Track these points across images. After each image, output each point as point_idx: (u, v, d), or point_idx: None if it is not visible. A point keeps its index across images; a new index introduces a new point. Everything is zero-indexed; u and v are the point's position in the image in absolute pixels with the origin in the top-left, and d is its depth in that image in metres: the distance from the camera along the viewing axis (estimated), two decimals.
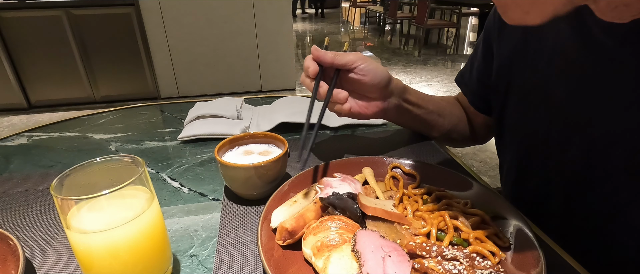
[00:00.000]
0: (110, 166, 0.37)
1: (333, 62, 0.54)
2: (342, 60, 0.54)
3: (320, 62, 0.54)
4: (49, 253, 0.45)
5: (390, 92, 0.59)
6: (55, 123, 0.86)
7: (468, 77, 0.70)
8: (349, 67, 0.55)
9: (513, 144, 0.61)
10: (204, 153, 0.70)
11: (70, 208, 0.33)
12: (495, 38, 0.60)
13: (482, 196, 0.48)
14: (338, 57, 0.54)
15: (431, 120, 0.68)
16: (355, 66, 0.54)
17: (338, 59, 0.54)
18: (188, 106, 0.90)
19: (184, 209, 0.53)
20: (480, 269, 0.35)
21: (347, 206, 0.42)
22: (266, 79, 3.55)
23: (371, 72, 0.55)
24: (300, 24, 8.61)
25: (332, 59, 0.54)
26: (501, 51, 0.59)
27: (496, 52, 0.60)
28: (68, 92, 3.23)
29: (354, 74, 0.55)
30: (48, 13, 2.93)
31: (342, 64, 0.54)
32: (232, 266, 0.42)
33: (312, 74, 0.54)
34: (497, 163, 0.75)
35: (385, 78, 0.57)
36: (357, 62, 0.54)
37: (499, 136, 0.66)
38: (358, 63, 0.54)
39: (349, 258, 0.36)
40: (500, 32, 0.59)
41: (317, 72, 0.54)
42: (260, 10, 3.24)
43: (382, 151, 0.69)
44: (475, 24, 7.37)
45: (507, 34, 0.57)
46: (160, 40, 3.19)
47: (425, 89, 3.83)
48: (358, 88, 0.57)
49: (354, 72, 0.55)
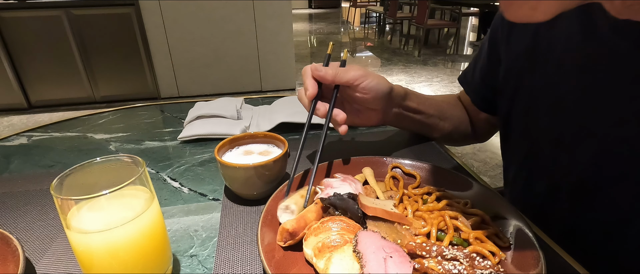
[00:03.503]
0: (110, 166, 0.37)
1: (334, 81, 0.53)
2: (344, 78, 0.53)
3: (321, 81, 0.54)
4: (49, 253, 0.44)
5: (391, 102, 0.59)
6: (55, 123, 0.86)
7: (471, 76, 0.70)
8: (351, 85, 0.54)
9: (520, 147, 0.60)
10: (204, 153, 0.70)
11: (70, 208, 0.33)
12: (502, 40, 0.60)
13: (482, 196, 0.48)
14: (339, 75, 0.53)
15: (432, 123, 0.68)
16: (357, 84, 0.54)
17: (339, 78, 0.53)
18: (188, 106, 0.90)
19: (184, 209, 0.53)
20: (480, 269, 0.35)
21: (348, 207, 0.42)
22: (266, 79, 3.55)
23: (373, 90, 0.54)
24: (300, 24, 8.61)
25: (333, 78, 0.53)
26: (509, 54, 0.59)
27: (504, 54, 0.60)
28: (68, 92, 3.23)
29: (356, 93, 0.55)
30: (48, 13, 2.93)
31: (344, 82, 0.54)
32: (232, 266, 0.42)
33: (310, 98, 0.53)
34: (497, 163, 0.75)
35: (387, 91, 0.56)
36: (359, 80, 0.53)
37: (505, 139, 0.66)
38: (360, 81, 0.53)
39: (350, 258, 0.36)
40: (509, 34, 0.58)
41: (315, 95, 0.53)
42: (260, 10, 3.24)
43: (382, 151, 0.69)
44: (475, 24, 7.37)
45: (516, 36, 0.57)
46: (160, 40, 3.19)
47: (425, 89, 3.83)
48: (359, 102, 0.57)
49: (357, 90, 0.54)
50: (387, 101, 0.57)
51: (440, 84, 3.93)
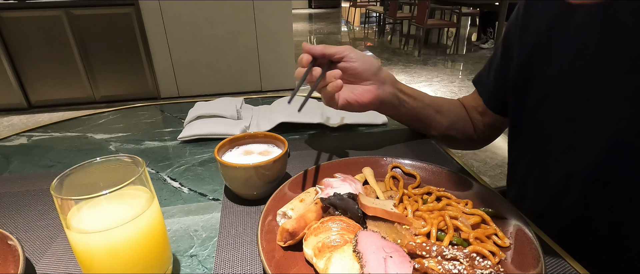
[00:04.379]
0: (110, 166, 0.37)
1: (324, 53, 0.58)
2: (331, 50, 0.59)
3: (312, 54, 0.58)
4: (49, 253, 0.44)
5: (383, 79, 0.62)
6: (55, 123, 0.86)
7: (486, 76, 0.70)
8: (339, 57, 0.59)
9: (533, 141, 0.60)
10: (204, 153, 0.70)
11: (70, 207, 0.33)
12: (515, 38, 0.60)
13: (482, 196, 0.48)
14: (327, 48, 0.58)
15: (429, 115, 0.69)
16: (344, 55, 0.59)
17: (328, 50, 0.58)
18: (188, 106, 0.90)
19: (184, 209, 0.53)
20: (480, 269, 0.35)
21: (348, 207, 0.42)
22: (266, 79, 3.55)
23: (360, 58, 0.59)
24: (300, 24, 8.61)
25: (322, 49, 0.58)
26: (522, 50, 0.59)
27: (517, 50, 0.60)
28: (68, 92, 3.23)
29: (344, 63, 0.59)
30: (48, 13, 2.92)
31: (331, 53, 0.58)
32: (232, 266, 0.42)
33: (306, 63, 0.57)
34: (497, 163, 0.75)
35: (375, 64, 0.61)
36: (345, 52, 0.59)
37: (514, 136, 0.66)
38: (346, 52, 0.59)
39: (350, 258, 0.36)
40: (524, 28, 0.59)
41: (310, 60, 0.57)
42: (260, 10, 3.24)
43: (382, 151, 0.69)
44: (475, 24, 7.36)
45: (531, 29, 0.57)
46: (160, 40, 3.19)
47: (425, 89, 3.83)
48: (350, 77, 0.60)
49: (344, 60, 0.59)
50: (377, 75, 0.61)
51: (440, 84, 3.93)
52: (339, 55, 0.59)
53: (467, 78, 4.14)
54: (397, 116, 0.71)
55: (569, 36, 0.51)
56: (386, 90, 0.62)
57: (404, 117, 0.71)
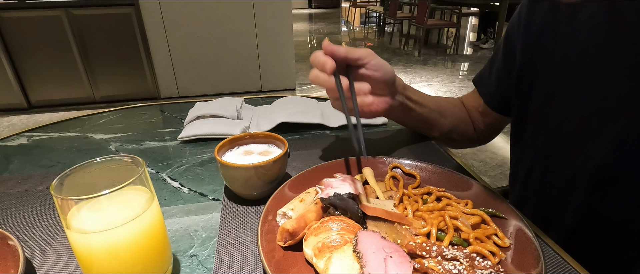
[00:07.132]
0: (110, 166, 0.37)
1: (347, 57, 0.52)
2: (355, 54, 0.52)
3: (334, 57, 0.52)
4: (49, 253, 0.44)
5: (396, 88, 0.59)
6: (55, 123, 0.86)
7: (487, 77, 0.70)
8: (362, 62, 0.53)
9: (538, 139, 0.60)
10: (204, 153, 0.70)
11: (70, 207, 0.33)
12: (518, 36, 0.60)
13: (482, 196, 0.48)
14: (351, 51, 0.52)
15: (433, 119, 0.68)
16: (367, 62, 0.53)
17: (351, 53, 0.52)
18: (188, 106, 0.90)
19: (184, 209, 0.53)
20: (480, 269, 0.35)
21: (348, 207, 0.42)
22: (266, 79, 3.55)
23: (382, 68, 0.54)
24: (300, 24, 8.61)
25: (345, 53, 0.52)
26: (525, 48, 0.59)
27: (519, 50, 0.60)
28: (68, 92, 3.23)
29: (365, 70, 0.53)
30: (48, 13, 2.92)
31: (355, 58, 0.53)
32: (232, 266, 0.42)
33: (330, 70, 0.51)
34: (497, 163, 0.75)
35: (393, 74, 0.56)
36: (368, 57, 0.53)
37: (517, 135, 0.65)
38: (369, 58, 0.53)
39: (350, 258, 0.36)
40: (527, 28, 0.58)
41: (335, 67, 0.51)
42: (260, 10, 3.24)
43: (382, 151, 0.69)
44: (475, 24, 7.37)
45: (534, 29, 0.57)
46: (160, 40, 3.19)
47: (425, 89, 3.83)
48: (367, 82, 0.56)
49: (365, 68, 0.53)
50: (393, 85, 0.57)
51: (440, 84, 3.93)
52: (361, 61, 0.53)
53: (467, 78, 4.14)
54: (402, 121, 0.71)
55: (573, 37, 0.51)
56: (397, 100, 0.60)
57: (409, 122, 0.71)
